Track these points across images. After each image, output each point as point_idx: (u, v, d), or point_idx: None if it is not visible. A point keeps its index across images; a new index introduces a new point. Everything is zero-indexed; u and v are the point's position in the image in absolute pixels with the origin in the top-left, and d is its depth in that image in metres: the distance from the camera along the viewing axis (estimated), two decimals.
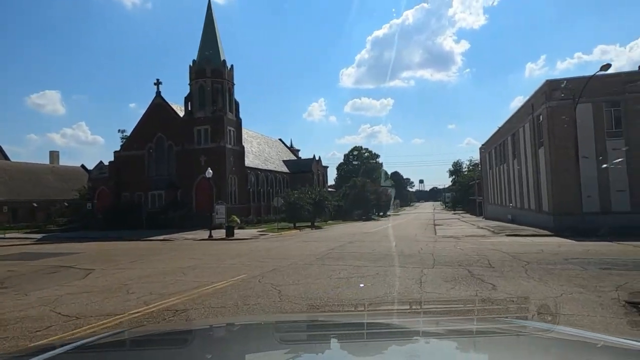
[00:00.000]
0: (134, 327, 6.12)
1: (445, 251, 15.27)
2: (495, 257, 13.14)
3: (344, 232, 31.55)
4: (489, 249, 15.74)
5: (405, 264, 12.21)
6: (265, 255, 15.46)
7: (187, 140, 39.63)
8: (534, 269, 10.80)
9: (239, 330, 2.21)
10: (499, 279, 9.66)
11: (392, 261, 12.73)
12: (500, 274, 10.28)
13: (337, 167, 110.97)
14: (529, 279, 9.58)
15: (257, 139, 58.18)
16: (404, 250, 15.62)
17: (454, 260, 12.63)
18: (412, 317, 3.16)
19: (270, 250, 17.21)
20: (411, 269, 11.28)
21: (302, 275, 10.44)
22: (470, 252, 14.66)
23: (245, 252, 16.60)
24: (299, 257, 14.30)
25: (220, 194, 38.55)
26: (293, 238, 25.78)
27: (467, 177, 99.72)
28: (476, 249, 15.68)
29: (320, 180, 63.69)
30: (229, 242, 23.08)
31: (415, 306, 5.40)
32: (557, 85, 27.76)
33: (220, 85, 40.04)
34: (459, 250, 15.49)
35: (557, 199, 27.31)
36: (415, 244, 18.35)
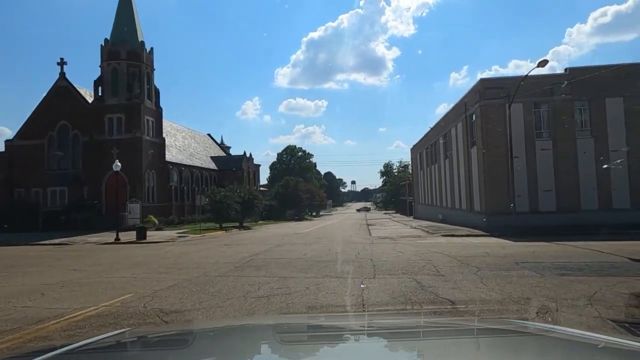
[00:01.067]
0: (134, 327, 5.57)
1: (384, 255, 13.48)
2: (441, 262, 11.53)
3: (274, 233, 29.12)
4: (431, 251, 14.23)
5: (342, 273, 10.14)
6: (172, 263, 12.61)
7: (97, 129, 34.82)
8: (488, 277, 9.23)
9: (239, 331, 2.12)
10: (454, 291, 7.89)
11: (326, 270, 10.60)
12: (453, 284, 8.54)
13: (270, 166, 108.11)
14: (488, 291, 7.91)
15: (182, 132, 53.79)
16: (339, 255, 13.60)
17: (396, 267, 10.79)
18: (412, 317, 3.47)
19: (181, 257, 14.33)
20: (349, 280, 9.22)
21: (208, 294, 7.89)
22: (412, 256, 12.99)
23: (149, 260, 13.58)
24: (213, 266, 11.68)
25: (135, 192, 34.30)
26: (215, 241, 22.87)
27: (397, 178, 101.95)
28: (417, 252, 14.10)
29: (251, 178, 60.60)
30: (136, 247, 19.66)
31: (416, 306, 5.40)
32: (490, 84, 27.63)
33: (138, 70, 35.70)
34: (400, 254, 13.80)
35: (489, 198, 27.13)
36: (351, 247, 16.45)
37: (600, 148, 26.56)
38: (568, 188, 26.62)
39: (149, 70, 37.13)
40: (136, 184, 34.49)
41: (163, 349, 1.79)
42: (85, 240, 25.40)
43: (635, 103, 26.25)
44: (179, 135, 51.57)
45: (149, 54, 37.41)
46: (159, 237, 26.88)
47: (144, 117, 35.57)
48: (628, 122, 26.25)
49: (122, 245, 21.35)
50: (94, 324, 5.96)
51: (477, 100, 28.18)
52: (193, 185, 46.72)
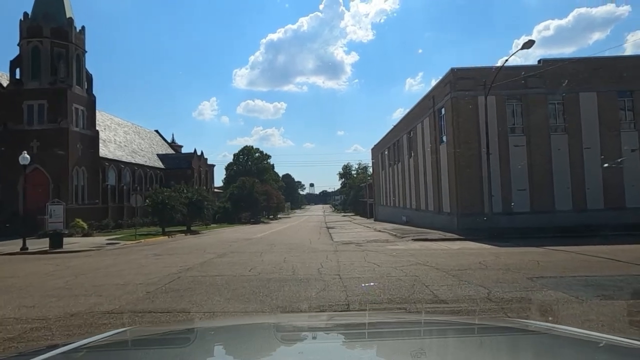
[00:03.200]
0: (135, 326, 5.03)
1: (355, 269, 10.42)
2: (432, 280, 8.62)
3: (223, 238, 25.45)
4: (412, 262, 11.33)
5: (299, 301, 6.96)
6: (60, 286, 8.89)
7: (13, 118, 29.60)
8: (513, 306, 6.38)
9: (240, 329, 2.13)
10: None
11: (278, 296, 7.36)
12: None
13: (226, 167, 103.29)
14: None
15: (124, 127, 48.62)
16: (298, 270, 10.39)
17: (376, 290, 7.74)
18: (413, 315, 3.42)
19: (83, 275, 10.56)
20: (314, 317, 6.09)
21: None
22: (390, 270, 10.02)
23: (33, 282, 9.74)
24: (116, 291, 8.12)
25: (59, 191, 29.41)
26: (147, 249, 18.98)
27: (357, 180, 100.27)
28: (396, 264, 11.17)
29: (203, 178, 56.11)
30: (38, 259, 15.45)
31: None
32: (463, 74, 25.47)
33: (65, 50, 30.80)
34: (374, 266, 10.80)
35: (461, 198, 24.92)
36: (312, 257, 13.28)
37: (574, 144, 25.10)
38: (542, 187, 24.92)
39: (79, 51, 32.24)
40: (61, 182, 29.60)
41: (164, 347, 1.76)
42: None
43: (608, 98, 25.04)
44: (120, 129, 46.47)
45: (80, 33, 32.53)
46: (81, 245, 22.53)
47: (71, 104, 30.70)
48: (602, 117, 24.98)
49: (24, 257, 17.01)
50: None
51: (448, 92, 25.98)
52: (135, 184, 41.88)
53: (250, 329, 2.13)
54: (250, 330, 2.08)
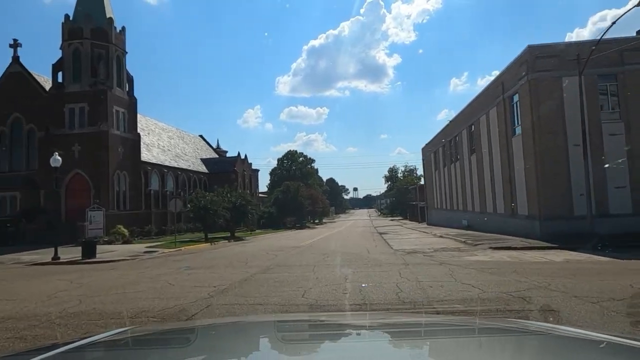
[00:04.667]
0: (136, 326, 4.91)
1: (450, 295, 7.36)
2: (592, 319, 5.46)
3: (268, 245, 23.03)
4: (526, 285, 8.10)
5: None
6: (50, 319, 6.52)
7: (56, 122, 28.90)
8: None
9: (240, 329, 2.13)
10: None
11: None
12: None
13: (270, 172, 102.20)
14: None
15: (168, 132, 47.94)
16: (369, 295, 7.49)
17: None
18: (413, 316, 3.17)
19: (88, 299, 8.14)
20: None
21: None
22: (505, 298, 6.90)
23: (18, 310, 7.50)
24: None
25: (100, 196, 28.30)
26: (183, 260, 16.80)
27: (404, 182, 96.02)
28: (501, 285, 8.04)
29: (247, 183, 54.56)
30: (62, 271, 13.51)
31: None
32: (542, 51, 21.65)
33: (105, 51, 29.85)
34: (474, 290, 7.71)
35: (544, 199, 21.05)
36: (379, 273, 10.35)
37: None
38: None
39: (119, 52, 31.28)
40: (101, 187, 28.50)
41: (164, 347, 1.76)
42: (18, 258, 19.38)
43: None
44: (164, 134, 45.74)
45: (120, 33, 31.60)
46: (117, 253, 20.84)
47: (111, 106, 29.65)
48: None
49: (47, 269, 15.28)
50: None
51: (523, 74, 22.20)
52: (179, 189, 40.72)
53: (250, 329, 2.13)
54: (250, 330, 2.08)
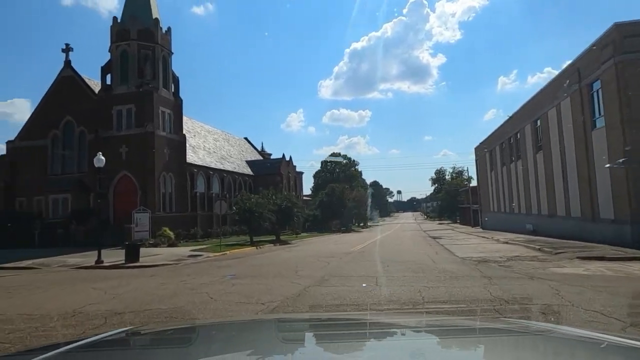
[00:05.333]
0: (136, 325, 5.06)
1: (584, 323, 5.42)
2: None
3: (317, 250, 21.48)
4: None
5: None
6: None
7: (104, 124, 28.98)
8: None
9: (240, 329, 2.10)
10: None
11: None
12: None
13: (314, 174, 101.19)
14: None
15: (214, 134, 47.83)
16: None
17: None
18: (415, 316, 3.22)
19: (116, 317, 6.93)
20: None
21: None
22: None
23: (28, 332, 6.32)
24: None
25: (146, 198, 27.99)
26: (227, 265, 15.54)
27: (454, 184, 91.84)
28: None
29: (292, 185, 53.56)
30: (101, 277, 12.58)
31: (418, 306, 5.22)
32: (632, 30, 18.72)
33: (151, 52, 29.66)
34: (608, 319, 5.69)
35: (637, 200, 18.06)
36: (458, 288, 8.42)
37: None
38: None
39: (165, 53, 31.05)
40: (147, 189, 28.18)
41: (165, 347, 1.74)
42: (64, 261, 18.98)
43: None
44: (209, 137, 45.61)
45: (166, 34, 31.40)
46: (161, 257, 20.04)
47: (157, 107, 29.37)
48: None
49: (93, 273, 14.48)
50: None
51: (608, 57, 19.30)
52: (224, 192, 40.22)
53: (251, 329, 2.11)
54: (251, 330, 2.06)
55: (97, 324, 6.30)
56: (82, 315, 7.00)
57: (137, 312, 7.10)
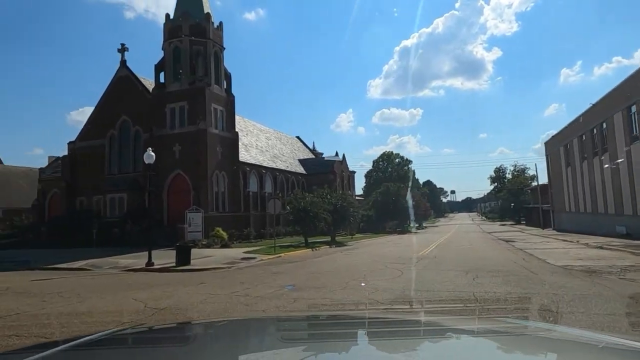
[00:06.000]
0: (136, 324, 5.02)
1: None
2: None
3: (380, 254, 19.38)
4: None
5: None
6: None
7: (158, 123, 28.61)
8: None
9: (239, 328, 2.10)
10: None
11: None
12: None
13: (366, 174, 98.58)
14: None
15: (266, 133, 46.97)
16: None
17: None
18: (414, 316, 3.14)
19: None
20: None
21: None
22: None
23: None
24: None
25: (199, 198, 27.21)
26: (283, 271, 13.85)
27: (517, 182, 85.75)
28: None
29: (345, 184, 51.62)
30: (147, 283, 11.31)
31: (417, 305, 5.26)
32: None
33: (203, 47, 28.92)
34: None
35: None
36: (598, 311, 6.10)
37: None
38: None
39: (217, 48, 30.26)
40: (200, 188, 27.39)
41: (164, 346, 1.72)
42: (116, 262, 18.26)
43: None
44: (262, 135, 44.76)
45: (217, 29, 30.61)
46: (214, 259, 18.83)
47: (210, 104, 28.56)
48: None
49: (141, 277, 13.38)
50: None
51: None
52: (277, 191, 39.07)
53: (250, 328, 2.11)
54: (249, 329, 2.05)
55: None
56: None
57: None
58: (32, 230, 30.44)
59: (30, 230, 30.53)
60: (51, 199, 32.77)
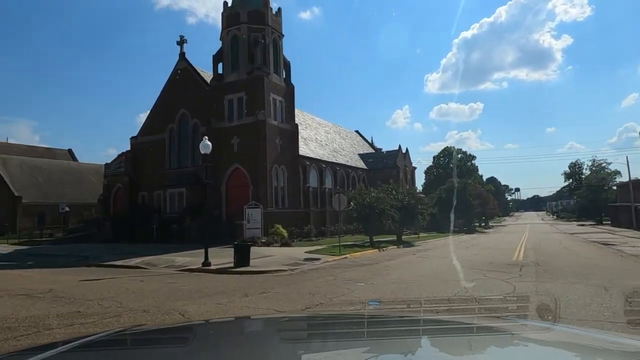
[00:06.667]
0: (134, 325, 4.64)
1: None
2: None
3: (463, 258, 16.59)
4: None
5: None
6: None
7: (216, 115, 27.56)
8: None
9: (239, 327, 2.09)
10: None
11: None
12: None
13: (425, 170, 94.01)
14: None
15: (325, 127, 45.12)
16: None
17: None
18: (412, 315, 3.06)
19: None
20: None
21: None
22: None
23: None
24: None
25: (258, 193, 25.81)
26: (358, 278, 11.65)
27: (599, 178, 77.65)
28: None
29: (409, 180, 48.56)
30: (203, 290, 9.63)
31: (415, 305, 5.19)
32: None
33: (261, 35, 27.45)
34: None
35: None
36: None
37: None
38: None
39: (275, 35, 28.69)
40: (259, 182, 25.97)
41: (163, 347, 1.71)
42: (172, 260, 17.06)
43: None
44: (320, 129, 42.96)
45: (276, 15, 29.05)
46: (274, 259, 17.10)
47: (268, 94, 27.05)
48: None
49: (194, 279, 11.81)
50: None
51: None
52: (337, 186, 37.08)
53: (249, 328, 2.07)
54: (249, 329, 2.01)
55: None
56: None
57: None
58: (97, 224, 30.77)
59: (96, 224, 30.88)
60: (116, 194, 33.08)
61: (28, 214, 42.21)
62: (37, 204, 42.98)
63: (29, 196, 43.32)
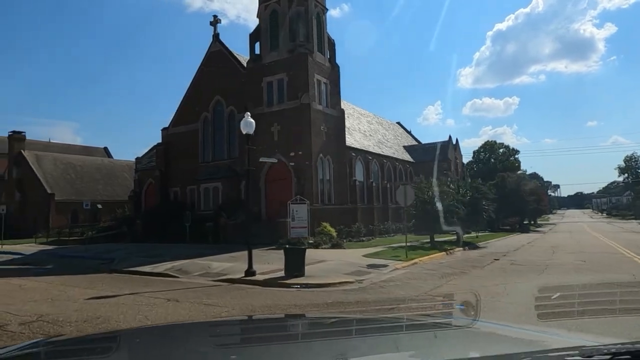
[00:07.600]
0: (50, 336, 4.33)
1: None
2: None
3: (559, 263, 12.85)
4: None
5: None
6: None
7: (254, 100, 24.59)
8: None
9: (168, 335, 1.95)
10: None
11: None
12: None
13: (466, 165, 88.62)
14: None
15: (367, 117, 41.60)
16: None
17: None
18: (347, 315, 3.16)
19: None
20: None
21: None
22: None
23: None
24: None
25: (303, 187, 22.70)
26: (451, 288, 8.26)
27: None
28: None
29: (460, 173, 44.38)
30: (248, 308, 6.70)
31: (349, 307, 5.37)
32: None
33: (303, 8, 24.18)
34: None
35: None
36: None
37: None
38: None
39: (319, 9, 25.39)
40: (304, 175, 22.82)
41: (81, 357, 1.55)
42: (208, 266, 14.10)
43: None
44: (363, 119, 39.49)
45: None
46: (331, 267, 13.87)
47: (312, 75, 23.83)
48: None
49: (239, 294, 8.77)
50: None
51: None
52: (384, 181, 33.58)
53: (179, 335, 1.91)
54: (179, 336, 1.86)
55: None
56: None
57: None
58: (127, 222, 28.58)
59: (126, 222, 28.71)
60: (147, 190, 30.85)
61: (61, 212, 41.01)
62: (70, 201, 41.72)
63: (62, 193, 42.15)
